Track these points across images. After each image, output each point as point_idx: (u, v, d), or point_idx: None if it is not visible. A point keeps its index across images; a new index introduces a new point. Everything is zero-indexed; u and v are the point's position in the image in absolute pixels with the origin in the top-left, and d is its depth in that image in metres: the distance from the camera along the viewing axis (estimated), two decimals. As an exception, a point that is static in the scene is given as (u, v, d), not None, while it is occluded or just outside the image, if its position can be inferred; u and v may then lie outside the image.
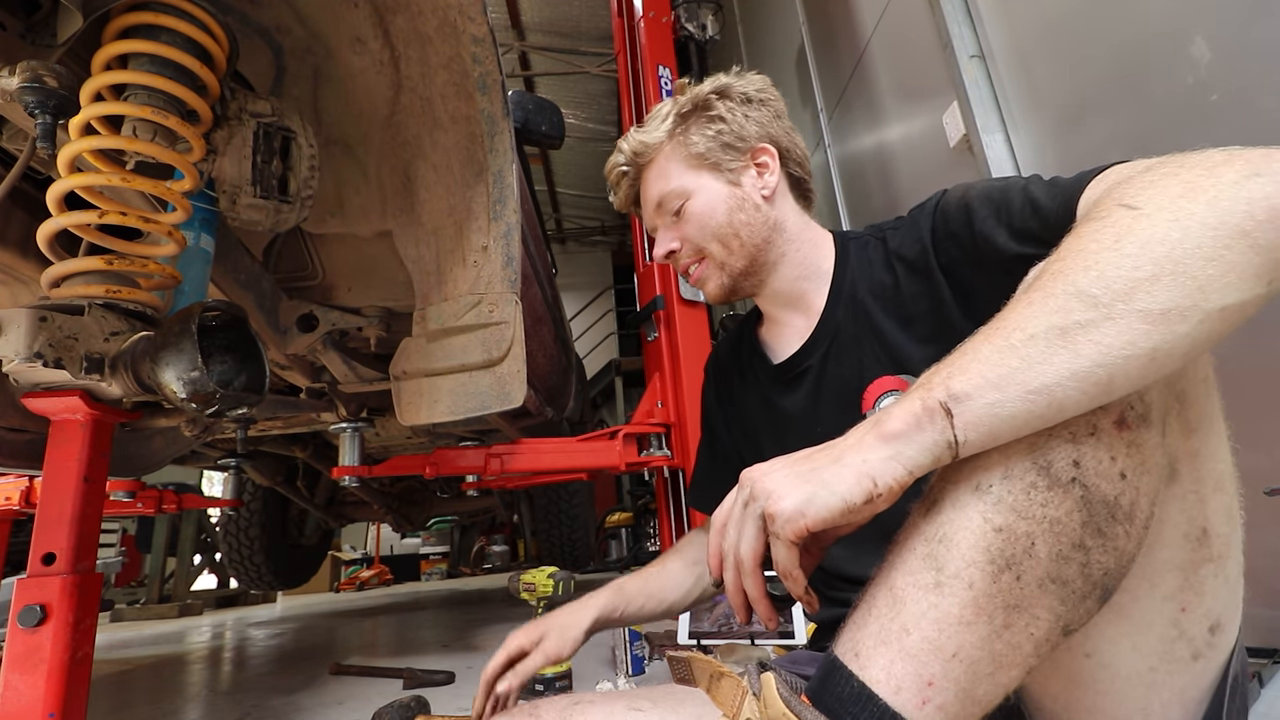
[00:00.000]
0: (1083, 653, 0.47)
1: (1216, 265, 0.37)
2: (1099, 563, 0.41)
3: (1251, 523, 1.04)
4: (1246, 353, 1.12)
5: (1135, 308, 0.38)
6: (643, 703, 0.54)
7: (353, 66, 1.11)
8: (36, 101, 0.76)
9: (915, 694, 0.40)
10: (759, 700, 0.44)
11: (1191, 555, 0.46)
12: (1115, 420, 0.41)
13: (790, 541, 0.43)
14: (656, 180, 0.85)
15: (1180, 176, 0.41)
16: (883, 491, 0.41)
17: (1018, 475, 0.41)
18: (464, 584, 5.63)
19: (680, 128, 0.83)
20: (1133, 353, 0.38)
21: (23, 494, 2.05)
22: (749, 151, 0.82)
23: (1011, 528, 0.41)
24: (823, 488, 0.42)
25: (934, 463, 0.42)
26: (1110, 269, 0.39)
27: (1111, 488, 0.41)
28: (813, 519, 0.42)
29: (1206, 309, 0.37)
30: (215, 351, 0.85)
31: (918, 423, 0.41)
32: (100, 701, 1.76)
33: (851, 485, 0.42)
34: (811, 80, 3.16)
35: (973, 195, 0.66)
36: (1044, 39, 1.62)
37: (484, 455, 2.06)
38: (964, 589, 0.40)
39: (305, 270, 1.42)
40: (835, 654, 0.44)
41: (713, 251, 0.82)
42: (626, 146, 0.87)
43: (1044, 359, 0.39)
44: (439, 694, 1.52)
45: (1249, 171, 0.39)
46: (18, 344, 0.71)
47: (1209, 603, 0.47)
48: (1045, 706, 0.51)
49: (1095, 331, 0.38)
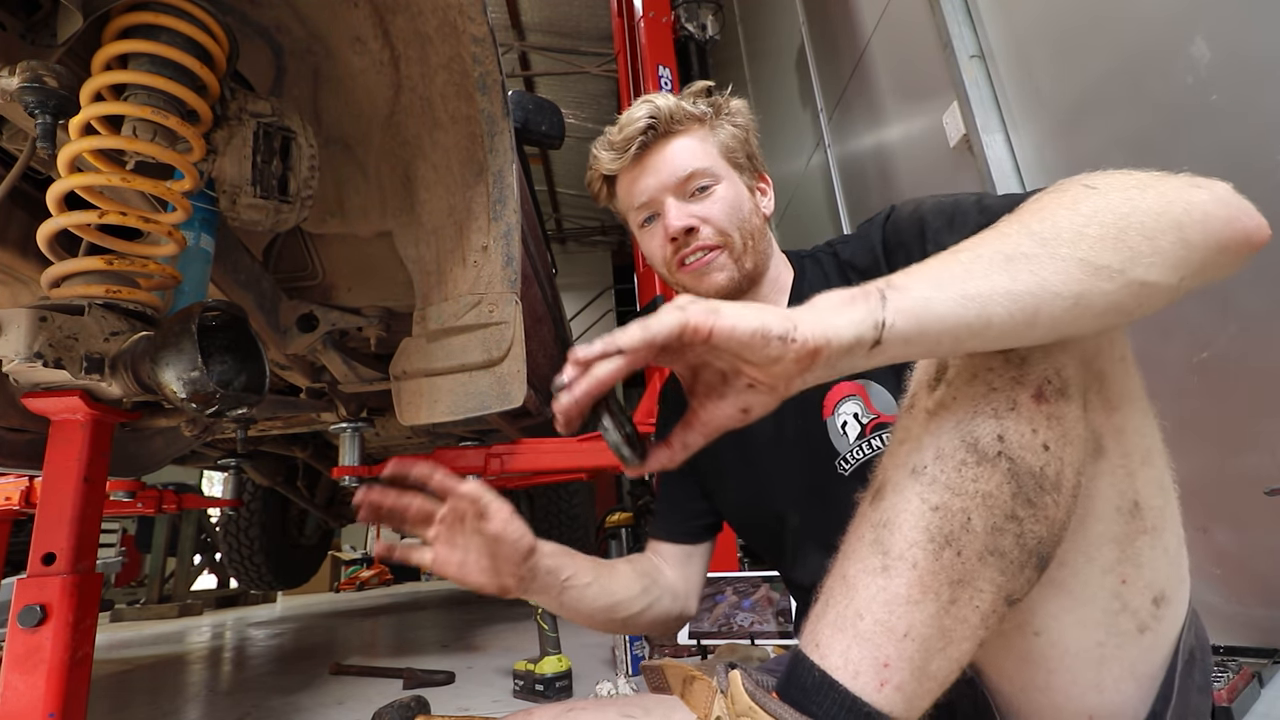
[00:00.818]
0: (1031, 631, 0.49)
1: (1150, 244, 0.41)
2: (1032, 532, 0.43)
3: (1251, 523, 1.04)
4: (1247, 353, 1.12)
5: (1077, 255, 0.41)
6: (635, 710, 0.54)
7: (353, 66, 1.11)
8: (36, 101, 0.76)
9: (873, 677, 0.41)
10: (726, 697, 0.44)
11: (1125, 528, 0.48)
12: (1033, 394, 0.44)
13: (691, 323, 0.40)
14: (687, 152, 0.80)
15: (1134, 176, 0.46)
16: (798, 339, 0.40)
17: (949, 454, 0.43)
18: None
19: (717, 117, 0.82)
20: (1062, 290, 0.41)
21: (23, 494, 2.05)
22: (757, 173, 0.85)
23: (947, 505, 0.42)
24: (748, 309, 0.41)
25: (855, 338, 0.40)
26: (1063, 220, 0.43)
27: (1036, 459, 0.43)
28: (724, 318, 0.40)
29: (1130, 277, 0.41)
30: (215, 351, 0.85)
31: (852, 299, 0.42)
32: (100, 701, 1.76)
33: (772, 318, 0.40)
34: (811, 80, 3.16)
35: (925, 209, 0.69)
36: (1044, 39, 1.62)
37: (484, 455, 2.06)
38: (909, 569, 0.42)
39: (305, 270, 1.42)
40: (799, 646, 0.46)
41: (734, 242, 0.79)
42: (660, 104, 0.80)
43: (984, 274, 0.41)
44: (439, 694, 1.52)
45: (1193, 184, 0.44)
46: (18, 344, 0.71)
47: (1149, 574, 0.49)
48: (1003, 689, 0.52)
49: (1036, 264, 0.41)
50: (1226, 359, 1.15)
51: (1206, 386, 1.20)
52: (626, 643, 1.55)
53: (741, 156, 0.82)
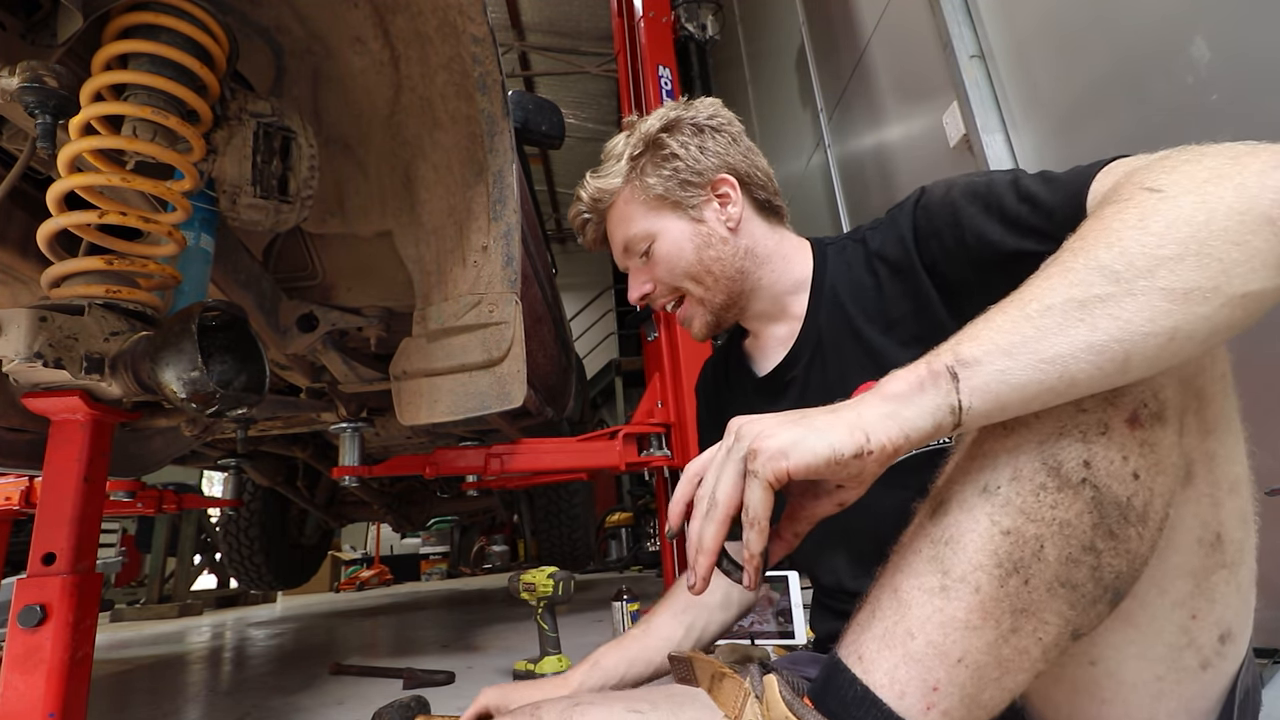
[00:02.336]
0: (1088, 660, 0.46)
1: (1241, 250, 0.36)
2: (1110, 566, 0.40)
3: (1251, 523, 1.01)
4: (1247, 353, 1.12)
5: (1158, 285, 0.36)
6: (642, 705, 0.54)
7: (353, 66, 1.11)
8: (36, 101, 0.76)
9: (920, 699, 0.39)
10: (761, 702, 0.44)
11: (1204, 561, 0.45)
12: (1128, 418, 0.40)
13: (768, 482, 0.40)
14: (619, 225, 0.83)
15: (1204, 163, 0.40)
16: (874, 449, 0.39)
17: (1027, 476, 0.41)
18: (464, 584, 5.63)
19: (635, 169, 0.81)
20: (1151, 330, 0.37)
21: (23, 494, 2.05)
22: (708, 185, 0.80)
23: (1020, 530, 0.40)
24: (812, 432, 0.40)
25: (934, 428, 0.40)
26: (1134, 245, 0.38)
27: (1124, 488, 0.40)
28: (796, 461, 0.40)
29: (1229, 293, 0.36)
30: (215, 351, 0.85)
31: (921, 385, 0.40)
32: (100, 701, 1.76)
33: (843, 435, 0.39)
34: (811, 80, 3.16)
35: (956, 192, 0.64)
36: (1044, 39, 1.62)
37: (484, 455, 2.05)
38: (970, 593, 0.40)
39: (305, 270, 1.42)
40: (838, 656, 0.43)
41: (690, 290, 0.80)
42: (585, 194, 0.86)
43: (1059, 330, 0.37)
44: (439, 694, 1.52)
45: (1275, 163, 0.38)
46: (18, 344, 0.71)
47: (1220, 610, 0.46)
48: (1049, 716, 0.50)
49: (1115, 306, 0.37)
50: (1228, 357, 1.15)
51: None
52: (626, 643, 1.54)
53: (677, 191, 0.79)
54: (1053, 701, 0.49)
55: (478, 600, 3.82)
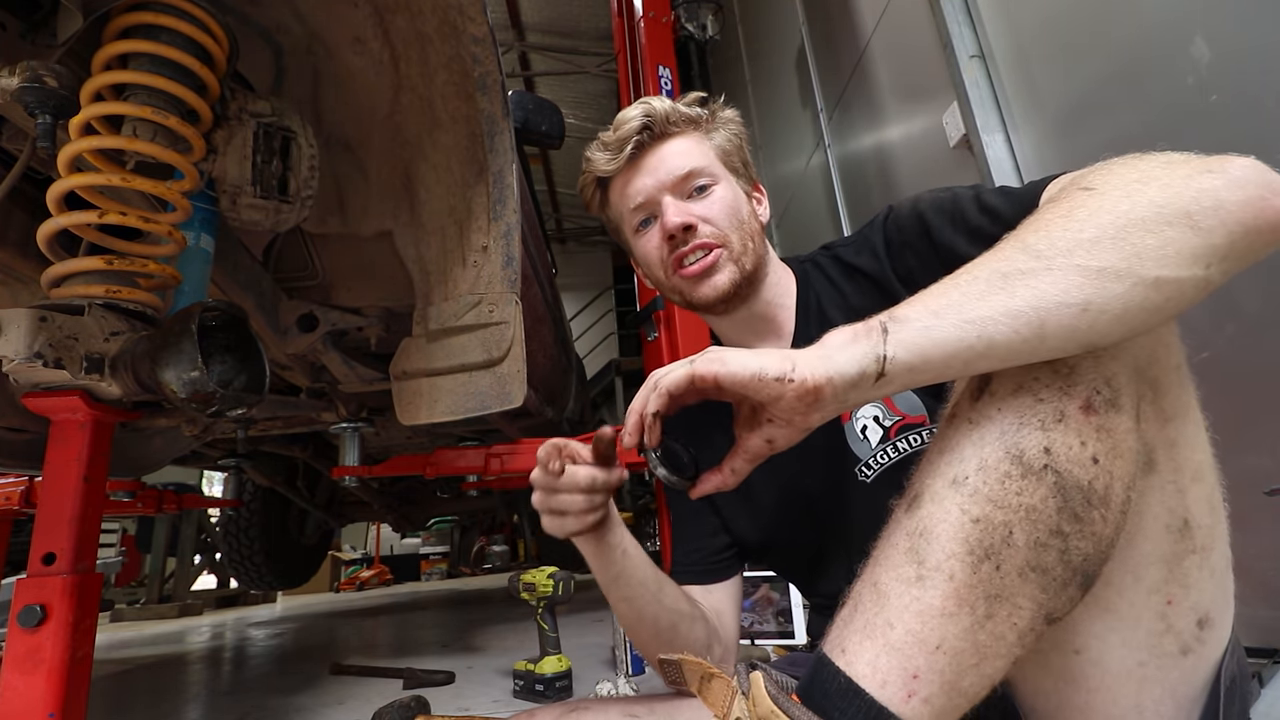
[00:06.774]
0: (1072, 649, 0.48)
1: (1155, 237, 0.40)
2: (1078, 549, 0.41)
3: (1252, 523, 1.03)
4: (1246, 353, 1.12)
5: (1074, 262, 0.40)
6: (639, 709, 0.54)
7: (353, 66, 1.11)
8: (36, 101, 0.76)
9: (901, 687, 0.40)
10: (748, 699, 0.44)
11: (1174, 547, 0.47)
12: (1082, 405, 0.43)
13: (696, 373, 0.47)
14: (685, 153, 0.79)
15: (1138, 167, 0.45)
16: (795, 378, 0.43)
17: (992, 466, 0.42)
18: (464, 584, 5.63)
19: (709, 123, 0.82)
20: (1064, 300, 0.40)
21: (23, 494, 2.05)
22: (752, 181, 0.84)
23: (989, 518, 0.41)
24: (750, 355, 0.46)
25: (859, 373, 0.43)
26: (1058, 230, 0.42)
27: (1084, 472, 0.41)
28: (727, 368, 0.46)
29: (1141, 274, 0.40)
30: (215, 351, 0.85)
31: (855, 336, 0.44)
32: (100, 701, 1.76)
33: (774, 360, 0.45)
34: (811, 80, 3.16)
35: (924, 206, 0.68)
36: (1044, 39, 1.62)
37: (484, 455, 2.05)
38: (945, 581, 0.41)
39: (305, 270, 1.42)
40: (823, 650, 0.45)
41: (733, 242, 0.78)
42: (658, 106, 0.79)
43: (981, 296, 0.42)
44: (439, 694, 1.52)
45: (1203, 169, 0.42)
46: (18, 344, 0.71)
47: (1195, 596, 0.47)
48: (1039, 707, 0.51)
49: (1033, 278, 0.41)
50: (1226, 359, 1.15)
51: (1206, 386, 1.19)
52: (627, 644, 1.55)
53: (737, 162, 0.82)
54: (1042, 692, 0.50)
55: (478, 600, 3.82)
